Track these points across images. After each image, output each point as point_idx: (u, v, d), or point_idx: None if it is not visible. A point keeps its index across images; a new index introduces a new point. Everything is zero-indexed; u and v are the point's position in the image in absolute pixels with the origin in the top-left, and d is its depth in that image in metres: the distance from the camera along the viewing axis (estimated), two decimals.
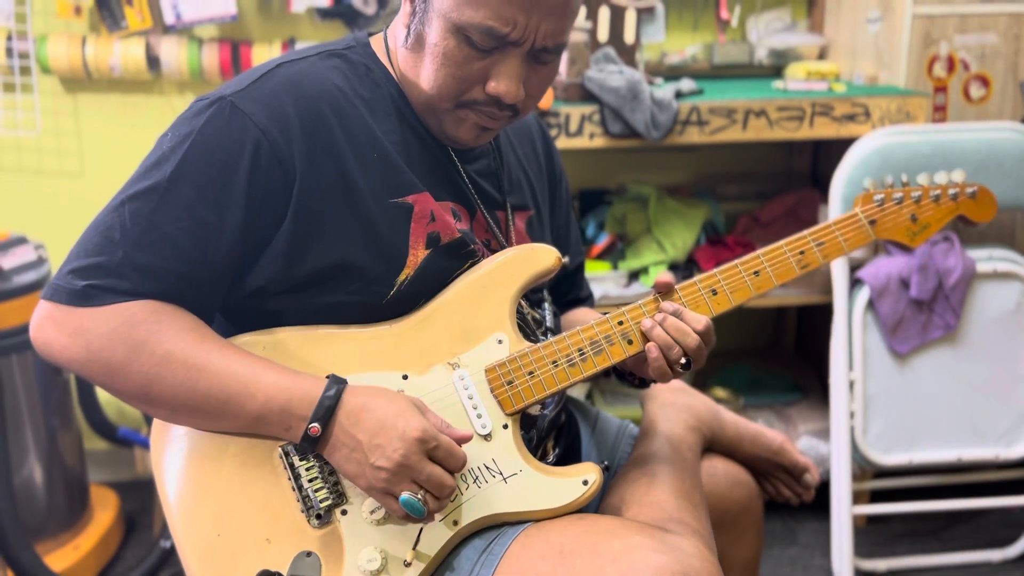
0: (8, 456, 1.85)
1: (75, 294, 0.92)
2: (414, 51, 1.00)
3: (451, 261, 1.05)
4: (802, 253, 1.09)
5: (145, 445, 2.20)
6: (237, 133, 0.94)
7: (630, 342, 1.04)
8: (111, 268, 0.92)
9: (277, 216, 0.97)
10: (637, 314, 1.05)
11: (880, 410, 1.96)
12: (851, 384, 1.93)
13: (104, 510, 2.17)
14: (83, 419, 2.16)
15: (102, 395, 2.22)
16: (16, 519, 1.81)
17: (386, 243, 1.00)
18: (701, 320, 1.02)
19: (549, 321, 1.16)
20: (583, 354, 1.03)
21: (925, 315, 1.94)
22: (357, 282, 1.00)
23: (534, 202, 1.19)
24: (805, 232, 1.11)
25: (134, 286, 0.92)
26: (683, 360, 1.02)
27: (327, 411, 0.92)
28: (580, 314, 1.29)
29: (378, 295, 1.01)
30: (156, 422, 1.01)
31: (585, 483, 0.99)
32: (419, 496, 0.90)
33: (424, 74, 0.99)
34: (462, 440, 0.94)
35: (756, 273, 1.07)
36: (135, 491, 2.33)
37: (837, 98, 1.99)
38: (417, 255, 1.01)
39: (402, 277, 1.01)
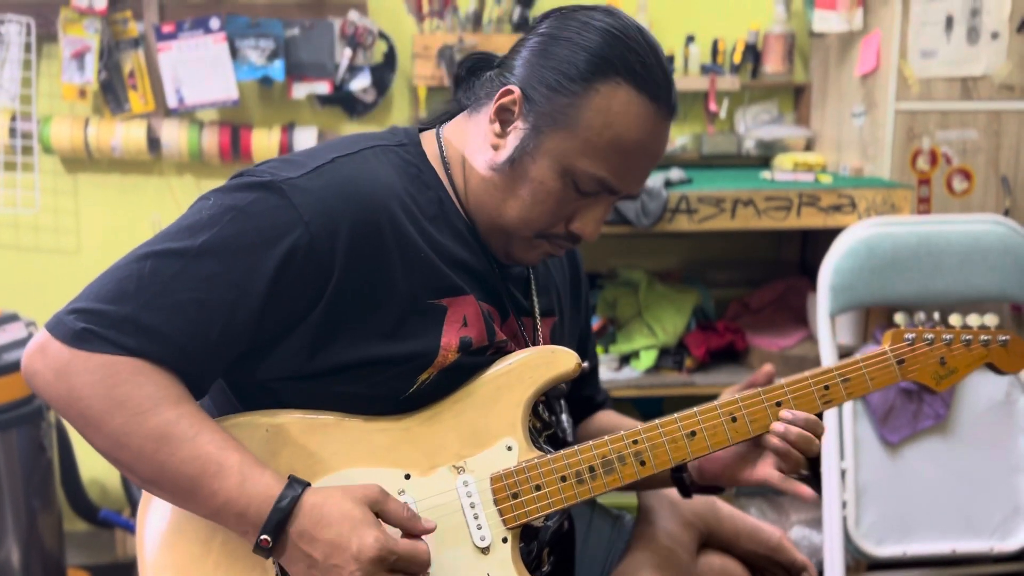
0: None
1: (71, 333, 0.89)
2: (506, 177, 1.00)
3: (477, 361, 1.03)
4: (827, 388, 1.08)
5: (126, 527, 2.15)
6: (281, 222, 0.92)
7: (643, 463, 1.02)
8: (114, 319, 0.89)
9: (302, 309, 0.94)
10: (653, 435, 1.03)
11: (872, 500, 1.94)
12: (843, 473, 1.92)
13: None
14: (64, 500, 2.13)
15: (85, 476, 2.19)
16: None
17: (418, 342, 0.98)
18: (819, 425, 1.06)
19: (564, 422, 1.14)
20: (593, 472, 1.01)
21: (915, 404, 1.94)
22: (379, 376, 0.98)
23: (559, 308, 1.19)
24: (831, 366, 1.09)
25: (131, 343, 0.89)
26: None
27: (276, 525, 0.88)
28: (608, 419, 1.29)
29: (398, 390, 0.99)
30: (144, 494, 0.98)
31: None
32: None
33: (514, 204, 1.00)
34: (423, 532, 0.91)
35: (778, 404, 1.06)
36: (113, 575, 2.28)
37: (823, 189, 2.04)
38: (447, 357, 1.00)
39: (424, 376, 0.99)
